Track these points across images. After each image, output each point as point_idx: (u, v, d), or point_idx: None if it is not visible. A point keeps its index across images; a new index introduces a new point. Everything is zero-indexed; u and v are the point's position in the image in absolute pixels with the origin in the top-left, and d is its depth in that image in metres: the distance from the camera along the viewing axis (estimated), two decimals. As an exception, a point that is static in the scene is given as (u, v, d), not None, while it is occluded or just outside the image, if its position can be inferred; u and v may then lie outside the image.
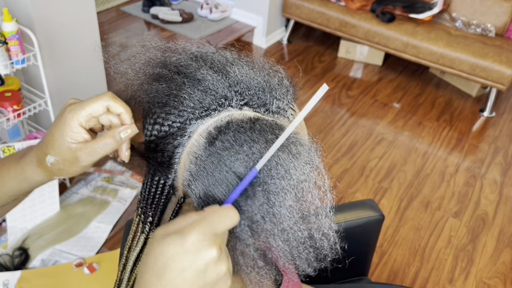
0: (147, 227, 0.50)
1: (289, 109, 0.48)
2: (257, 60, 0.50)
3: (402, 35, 2.73)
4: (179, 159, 0.45)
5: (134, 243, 0.52)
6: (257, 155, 0.42)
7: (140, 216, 0.51)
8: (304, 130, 0.52)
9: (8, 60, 1.52)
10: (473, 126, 2.66)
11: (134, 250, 0.51)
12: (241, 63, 0.47)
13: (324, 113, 2.60)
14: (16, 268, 1.61)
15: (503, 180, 2.29)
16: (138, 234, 0.52)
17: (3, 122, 1.62)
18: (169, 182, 0.47)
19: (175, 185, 0.47)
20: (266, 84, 0.46)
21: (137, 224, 0.52)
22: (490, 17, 2.78)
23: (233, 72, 0.46)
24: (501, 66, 2.51)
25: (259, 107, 0.46)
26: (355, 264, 1.21)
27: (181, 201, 0.47)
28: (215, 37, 2.94)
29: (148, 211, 0.50)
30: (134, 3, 3.23)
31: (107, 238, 1.76)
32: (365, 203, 1.15)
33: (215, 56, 0.48)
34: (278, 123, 0.45)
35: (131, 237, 0.53)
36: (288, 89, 0.49)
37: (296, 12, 3.05)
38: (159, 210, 0.49)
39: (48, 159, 0.46)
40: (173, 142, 0.45)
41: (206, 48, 0.50)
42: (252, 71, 0.47)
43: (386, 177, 2.22)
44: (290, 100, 0.49)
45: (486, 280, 1.79)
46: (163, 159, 0.46)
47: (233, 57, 0.48)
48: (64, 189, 1.92)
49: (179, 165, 0.45)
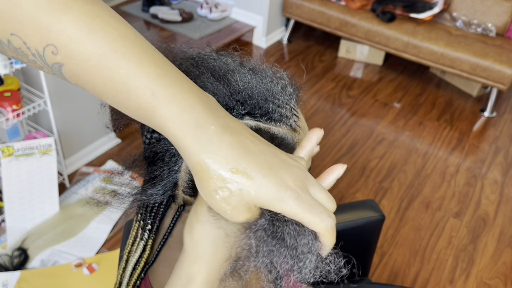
0: (146, 235, 0.50)
1: (293, 116, 0.47)
2: (259, 67, 0.48)
3: (403, 35, 2.72)
4: (179, 168, 0.44)
5: (134, 248, 0.51)
6: None
7: (140, 222, 0.51)
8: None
9: (8, 59, 1.52)
10: (474, 126, 2.65)
11: (133, 256, 0.51)
12: (243, 71, 0.46)
13: (325, 113, 2.60)
14: (16, 268, 1.61)
15: (503, 180, 2.28)
16: (137, 239, 0.51)
17: (3, 122, 1.62)
18: (169, 193, 0.46)
19: (175, 193, 0.46)
20: (269, 93, 0.45)
21: (136, 229, 0.52)
22: (491, 17, 2.78)
23: (234, 81, 0.44)
24: (502, 66, 2.51)
25: (261, 116, 0.44)
26: (355, 264, 1.21)
27: (181, 209, 0.47)
28: (214, 37, 2.94)
29: (147, 219, 0.49)
30: (134, 3, 3.23)
31: (106, 239, 1.75)
32: (365, 203, 1.14)
33: (217, 62, 0.46)
34: (278, 135, 0.44)
35: (131, 242, 0.53)
36: (291, 96, 0.48)
37: (296, 12, 3.04)
38: (158, 219, 0.49)
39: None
40: (172, 150, 0.44)
41: (207, 54, 0.48)
42: (254, 79, 0.45)
43: (386, 177, 2.21)
44: (294, 106, 0.48)
45: (487, 281, 1.79)
46: (162, 168, 0.45)
47: (234, 64, 0.47)
48: (63, 190, 1.92)
49: (179, 174, 0.45)
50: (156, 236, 0.50)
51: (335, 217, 0.38)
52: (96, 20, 0.31)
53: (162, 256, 0.51)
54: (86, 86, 0.33)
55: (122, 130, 0.51)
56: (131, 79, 0.32)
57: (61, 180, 1.92)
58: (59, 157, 1.87)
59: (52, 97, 1.73)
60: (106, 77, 0.32)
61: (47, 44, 0.31)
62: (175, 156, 0.44)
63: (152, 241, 0.50)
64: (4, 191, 1.67)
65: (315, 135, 0.43)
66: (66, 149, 1.93)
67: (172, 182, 0.45)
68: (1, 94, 1.62)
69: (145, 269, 0.51)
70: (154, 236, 0.50)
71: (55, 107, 1.76)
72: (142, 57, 0.32)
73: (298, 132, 0.47)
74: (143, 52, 0.33)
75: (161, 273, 0.51)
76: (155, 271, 0.51)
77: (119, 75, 0.32)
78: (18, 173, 1.67)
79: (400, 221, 1.99)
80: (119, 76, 0.32)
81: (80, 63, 0.31)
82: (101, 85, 0.32)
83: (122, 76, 0.32)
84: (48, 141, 1.68)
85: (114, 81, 0.32)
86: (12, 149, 1.62)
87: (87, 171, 2.02)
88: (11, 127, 1.76)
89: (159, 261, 0.51)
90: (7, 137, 1.80)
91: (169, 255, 0.50)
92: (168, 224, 0.49)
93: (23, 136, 1.84)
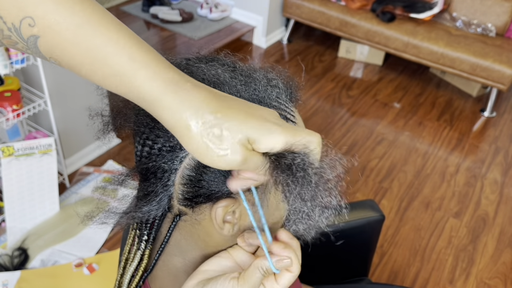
0: (143, 245, 0.49)
1: (290, 122, 0.46)
2: (253, 74, 0.47)
3: (403, 35, 2.72)
4: (173, 182, 0.44)
5: (131, 255, 0.51)
6: None
7: (136, 230, 0.51)
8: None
9: (8, 59, 1.52)
10: (474, 126, 2.65)
11: (130, 265, 0.51)
12: (234, 83, 0.44)
13: (325, 113, 2.60)
14: (16, 268, 1.61)
15: (503, 180, 2.28)
16: (134, 248, 0.51)
17: (3, 122, 1.62)
18: (164, 206, 0.46)
19: (170, 203, 0.46)
20: (262, 103, 0.44)
21: (133, 237, 0.52)
22: (491, 17, 2.78)
23: (225, 92, 0.43)
24: (502, 66, 2.51)
25: None
26: (355, 264, 1.21)
27: (177, 219, 0.47)
28: (215, 37, 2.94)
29: (144, 230, 0.49)
30: (134, 3, 3.23)
31: (106, 239, 1.75)
32: (365, 203, 1.14)
33: (206, 75, 0.44)
34: None
35: (128, 249, 0.52)
36: (286, 101, 0.47)
37: (296, 12, 3.04)
38: (154, 229, 0.49)
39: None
40: (164, 167, 0.44)
41: (196, 65, 0.46)
42: (245, 91, 0.44)
43: (386, 177, 2.22)
44: (289, 110, 0.47)
45: (487, 281, 1.79)
46: (156, 184, 0.45)
47: (224, 75, 0.45)
48: (63, 189, 1.92)
49: (173, 188, 0.45)
50: (153, 246, 0.50)
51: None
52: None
53: (161, 261, 0.51)
54: (62, 57, 0.34)
55: (120, 130, 0.51)
56: (109, 45, 0.33)
57: (61, 180, 1.93)
58: (59, 157, 1.87)
59: (52, 97, 1.73)
60: (84, 45, 0.32)
61: (24, 17, 0.31)
62: (168, 172, 0.44)
63: (149, 250, 0.50)
64: (4, 191, 1.67)
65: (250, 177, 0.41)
66: (66, 149, 1.93)
67: (167, 196, 0.45)
68: (1, 94, 1.62)
69: (143, 278, 0.50)
70: (151, 246, 0.50)
71: (55, 107, 1.76)
72: (119, 28, 0.33)
73: None
74: (119, 23, 0.34)
75: (159, 277, 0.51)
76: (154, 275, 0.51)
77: (97, 42, 0.32)
78: (18, 173, 1.67)
79: (400, 221, 2.00)
80: (97, 43, 0.33)
81: (58, 33, 0.32)
82: (78, 55, 0.33)
83: (100, 42, 0.33)
84: (48, 141, 1.68)
85: (91, 48, 0.33)
86: (12, 149, 1.63)
87: (87, 171, 2.02)
88: (11, 127, 1.76)
89: (157, 266, 0.51)
90: (7, 137, 1.80)
91: (167, 260, 0.50)
92: (165, 233, 0.49)
93: (23, 136, 1.84)
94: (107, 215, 0.47)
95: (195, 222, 0.46)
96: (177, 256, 0.50)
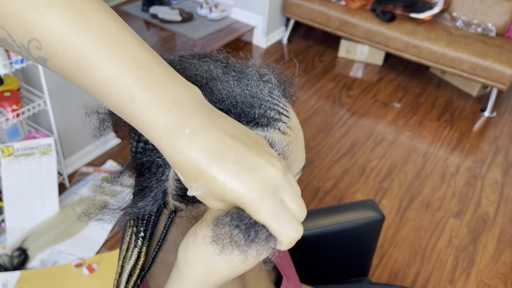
0: (140, 242, 0.50)
1: (282, 118, 0.46)
2: (246, 70, 0.47)
3: (403, 35, 2.72)
4: (167, 177, 0.44)
5: (129, 254, 0.51)
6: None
7: (133, 227, 0.51)
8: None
9: (7, 59, 1.52)
10: (474, 126, 2.65)
11: (128, 263, 0.51)
12: (226, 78, 0.44)
13: (325, 113, 2.60)
14: (15, 268, 1.61)
15: (504, 180, 2.28)
16: (131, 245, 0.51)
17: (2, 122, 1.62)
18: (160, 202, 0.46)
19: (166, 200, 0.46)
20: (254, 99, 0.44)
21: (130, 235, 0.52)
22: (491, 17, 2.78)
23: (217, 90, 0.43)
24: (502, 66, 2.51)
25: (247, 123, 0.43)
26: (356, 264, 1.21)
27: (173, 215, 0.47)
28: (214, 37, 2.94)
29: (140, 226, 0.49)
30: (134, 3, 3.23)
31: (106, 239, 1.75)
32: (365, 203, 1.14)
33: (199, 71, 0.44)
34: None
35: (125, 248, 0.52)
36: (279, 97, 0.47)
37: (296, 12, 3.04)
38: (151, 226, 0.49)
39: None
40: (158, 161, 0.44)
41: (188, 61, 0.46)
42: (238, 87, 0.44)
43: (386, 177, 2.21)
44: (283, 107, 0.47)
45: (487, 281, 1.79)
46: (150, 179, 0.45)
47: (217, 71, 0.45)
48: (63, 189, 1.92)
49: (167, 182, 0.45)
50: (150, 243, 0.50)
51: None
52: (80, 17, 0.31)
53: (159, 259, 0.51)
54: (70, 80, 0.34)
55: (120, 130, 0.51)
56: (111, 81, 0.32)
57: (61, 180, 1.92)
58: (59, 157, 1.87)
59: (52, 97, 1.73)
60: (88, 76, 0.32)
61: (31, 39, 0.31)
62: (162, 166, 0.44)
63: (146, 248, 0.50)
64: (4, 191, 1.67)
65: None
66: (66, 149, 1.93)
67: (161, 191, 0.45)
68: (1, 94, 1.62)
69: (142, 276, 0.50)
70: (148, 243, 0.50)
71: (55, 107, 1.76)
72: (123, 59, 0.32)
73: (288, 134, 0.46)
74: (126, 52, 0.32)
75: (157, 274, 0.51)
76: (152, 273, 0.51)
77: (100, 77, 0.32)
78: (18, 173, 1.67)
79: (400, 221, 1.99)
80: (100, 78, 0.32)
81: (63, 60, 0.32)
82: (83, 83, 0.33)
83: (102, 78, 0.32)
84: (48, 141, 1.68)
85: (95, 81, 0.32)
86: (12, 149, 1.62)
87: (87, 171, 2.02)
88: (11, 127, 1.76)
89: (155, 263, 0.51)
90: (7, 137, 1.80)
91: (165, 258, 0.50)
92: (161, 229, 0.49)
93: (23, 136, 1.84)
94: (103, 212, 0.47)
95: (191, 218, 0.46)
96: (174, 253, 0.49)
